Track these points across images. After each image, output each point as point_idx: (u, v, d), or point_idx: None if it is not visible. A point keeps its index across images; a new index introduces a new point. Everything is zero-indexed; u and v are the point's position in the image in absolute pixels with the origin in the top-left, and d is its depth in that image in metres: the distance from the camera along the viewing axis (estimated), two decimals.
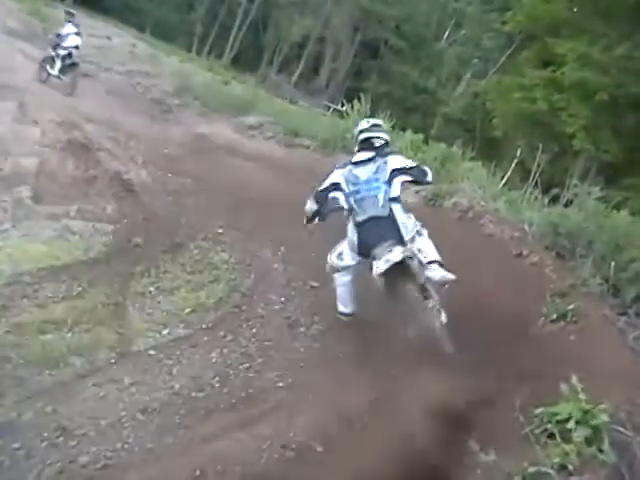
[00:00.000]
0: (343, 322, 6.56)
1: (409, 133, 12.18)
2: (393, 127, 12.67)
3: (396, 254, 5.36)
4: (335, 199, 5.93)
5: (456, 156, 11.15)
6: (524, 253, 7.54)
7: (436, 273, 5.59)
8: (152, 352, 5.93)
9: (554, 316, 6.27)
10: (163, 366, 5.78)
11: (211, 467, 4.55)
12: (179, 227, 8.31)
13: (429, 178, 6.09)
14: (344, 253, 5.94)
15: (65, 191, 8.62)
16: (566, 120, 12.13)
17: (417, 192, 9.94)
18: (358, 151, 6.11)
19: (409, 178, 5.94)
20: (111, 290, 6.72)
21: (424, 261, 5.58)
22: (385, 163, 5.88)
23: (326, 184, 6.02)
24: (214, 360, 6.01)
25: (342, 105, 14.40)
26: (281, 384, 5.78)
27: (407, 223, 5.76)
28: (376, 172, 5.82)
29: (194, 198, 9.32)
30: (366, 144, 6.07)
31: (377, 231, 5.59)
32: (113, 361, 5.73)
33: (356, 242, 5.74)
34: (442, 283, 5.64)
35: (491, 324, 6.47)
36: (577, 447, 3.80)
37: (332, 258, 6.01)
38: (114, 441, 4.73)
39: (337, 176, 5.98)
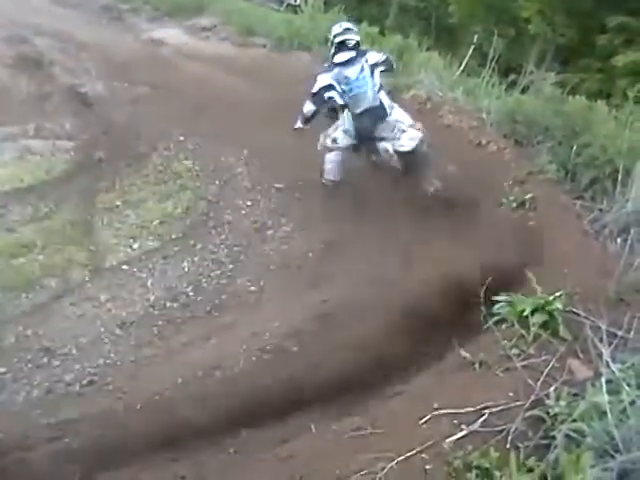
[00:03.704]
0: (311, 221, 6.76)
1: (364, 25, 11.91)
2: (348, 20, 12.39)
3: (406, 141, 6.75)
4: (331, 98, 6.85)
5: (413, 47, 10.99)
6: (483, 142, 7.60)
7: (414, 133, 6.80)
8: (125, 267, 6.03)
9: (513, 204, 6.43)
10: (137, 280, 5.90)
11: (192, 374, 4.75)
12: (140, 138, 8.20)
13: (394, 65, 7.50)
14: (339, 138, 6.96)
15: (20, 110, 8.42)
16: (522, 4, 12.01)
17: None
18: (335, 53, 6.93)
19: (383, 68, 7.00)
20: (78, 208, 6.73)
21: (403, 127, 6.81)
22: (366, 61, 6.83)
23: (319, 86, 6.85)
24: (186, 269, 6.13)
25: (296, 0, 13.99)
26: (253, 288, 5.95)
27: (389, 103, 6.95)
28: (361, 71, 6.77)
29: (152, 106, 9.13)
30: (342, 46, 6.91)
31: (373, 118, 6.77)
32: (87, 279, 5.82)
33: (353, 130, 6.86)
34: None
35: (453, 214, 6.65)
36: (534, 331, 4.03)
37: (327, 142, 7.04)
38: (96, 357, 4.90)
39: (327, 79, 6.83)
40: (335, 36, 6.97)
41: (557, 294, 4.13)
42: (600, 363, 3.50)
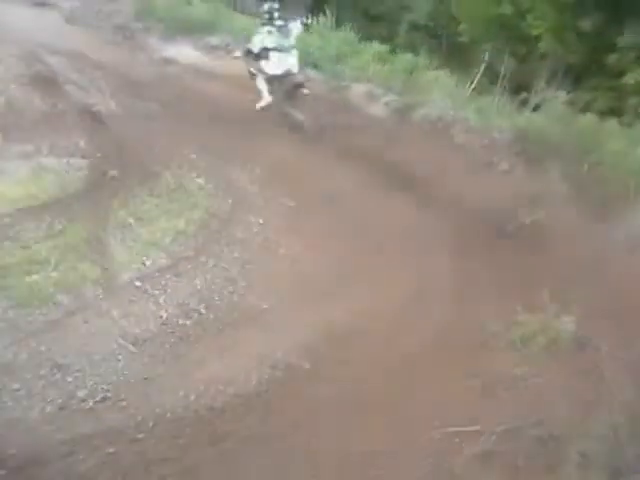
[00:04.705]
0: (325, 241, 6.80)
1: (375, 44, 12.00)
2: (359, 39, 12.49)
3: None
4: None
5: (423, 65, 11.06)
6: (494, 161, 7.64)
7: None
8: (138, 284, 6.03)
9: (527, 221, 6.44)
10: (150, 297, 5.89)
11: (205, 391, 4.78)
12: (153, 156, 8.22)
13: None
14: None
15: (35, 128, 8.47)
16: (532, 23, 12.09)
17: (386, 104, 9.95)
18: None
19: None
20: (91, 225, 6.74)
21: None
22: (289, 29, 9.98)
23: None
24: (199, 287, 6.13)
25: (307, 18, 14.12)
26: (265, 306, 5.95)
27: None
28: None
29: (166, 124, 9.20)
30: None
31: None
32: (100, 296, 5.80)
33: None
34: None
35: (466, 232, 6.67)
36: (538, 352, 4.03)
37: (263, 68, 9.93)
38: (110, 374, 4.90)
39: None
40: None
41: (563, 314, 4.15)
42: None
